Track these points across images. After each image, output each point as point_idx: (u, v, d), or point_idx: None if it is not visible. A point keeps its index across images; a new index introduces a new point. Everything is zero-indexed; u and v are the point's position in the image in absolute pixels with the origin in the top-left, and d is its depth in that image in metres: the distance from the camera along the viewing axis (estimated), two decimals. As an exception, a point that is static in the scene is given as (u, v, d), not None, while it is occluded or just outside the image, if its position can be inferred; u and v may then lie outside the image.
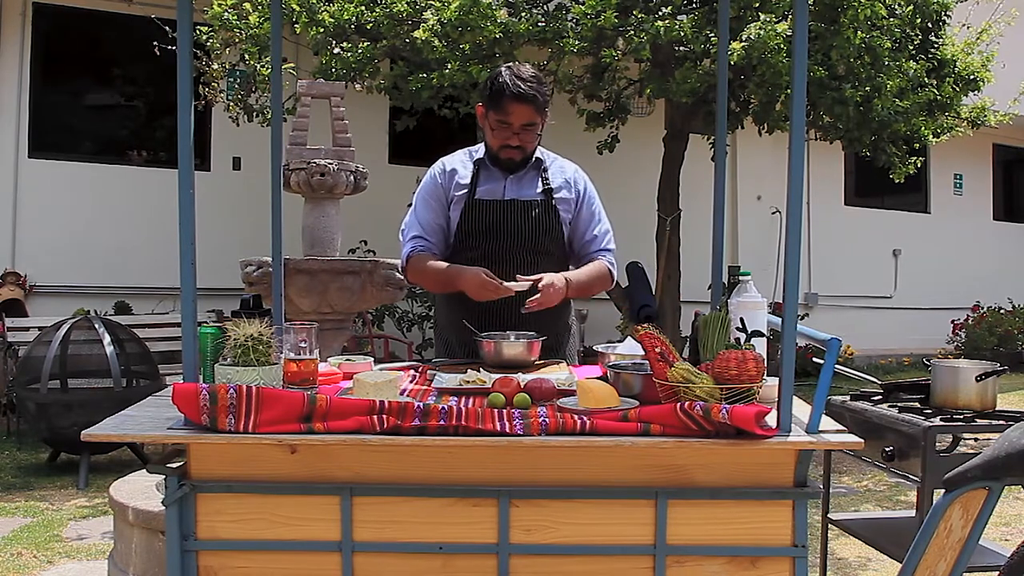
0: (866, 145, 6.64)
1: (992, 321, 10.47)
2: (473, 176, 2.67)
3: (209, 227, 4.51)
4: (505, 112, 2.54)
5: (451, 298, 2.73)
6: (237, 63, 6.34)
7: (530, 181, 2.70)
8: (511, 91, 2.50)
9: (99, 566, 3.69)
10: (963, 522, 1.84)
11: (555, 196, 2.69)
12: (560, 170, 2.76)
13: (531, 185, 2.69)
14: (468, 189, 2.66)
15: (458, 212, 2.65)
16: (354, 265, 4.23)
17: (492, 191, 2.67)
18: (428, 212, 2.69)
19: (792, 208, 1.66)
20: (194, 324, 1.71)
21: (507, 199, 2.66)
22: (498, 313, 2.61)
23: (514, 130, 2.56)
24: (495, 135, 2.59)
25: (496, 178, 2.68)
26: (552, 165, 2.75)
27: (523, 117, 2.55)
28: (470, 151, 2.76)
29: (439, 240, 2.69)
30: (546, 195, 2.68)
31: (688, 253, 7.39)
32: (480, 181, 2.67)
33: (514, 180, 2.68)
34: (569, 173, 2.77)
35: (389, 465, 1.72)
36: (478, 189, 2.66)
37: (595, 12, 5.59)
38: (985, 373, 2.58)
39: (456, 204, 2.66)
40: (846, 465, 5.66)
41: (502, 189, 2.67)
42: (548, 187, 2.69)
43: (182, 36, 1.72)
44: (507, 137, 2.57)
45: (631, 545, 1.72)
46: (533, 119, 2.57)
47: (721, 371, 1.68)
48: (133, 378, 5.45)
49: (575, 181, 2.76)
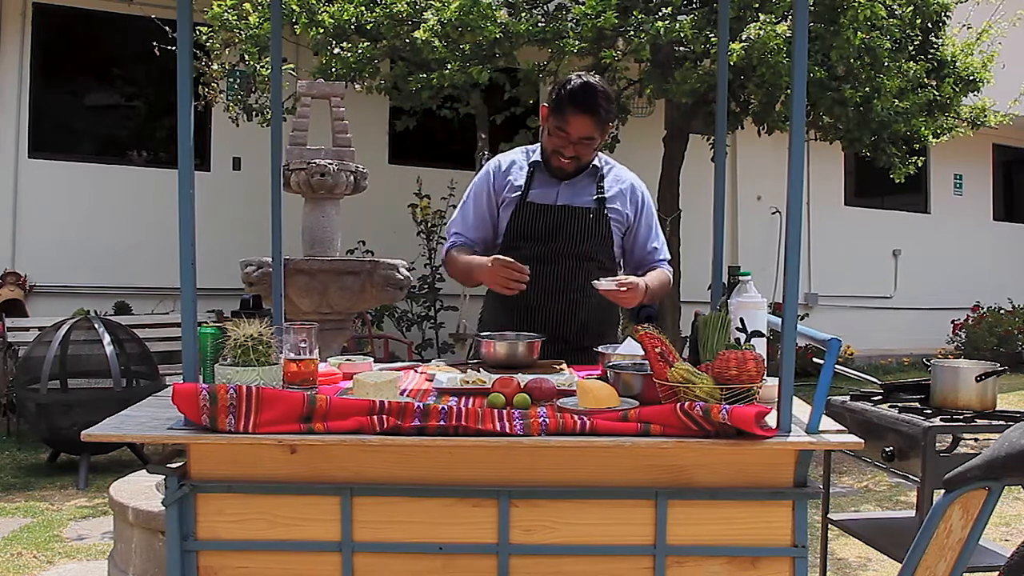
0: (866, 145, 6.65)
1: (992, 321, 10.47)
2: (528, 177, 2.66)
3: (209, 227, 4.52)
4: (564, 121, 2.51)
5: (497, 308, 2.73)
6: (237, 63, 6.34)
7: (584, 188, 2.68)
8: (574, 102, 2.49)
9: (99, 566, 3.69)
10: (963, 522, 1.84)
11: (608, 206, 2.67)
12: (616, 179, 2.74)
13: (585, 192, 2.67)
14: (521, 191, 2.64)
15: (508, 213, 2.65)
16: (354, 265, 4.23)
17: (545, 195, 2.65)
18: (475, 209, 2.69)
19: (792, 208, 1.66)
20: (194, 324, 1.71)
21: (559, 204, 2.64)
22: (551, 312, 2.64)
23: (571, 140, 2.54)
24: (550, 140, 2.58)
25: (550, 182, 2.66)
26: (609, 173, 2.73)
27: (582, 130, 2.53)
28: (527, 150, 2.74)
29: (481, 238, 2.68)
30: (599, 204, 2.66)
31: (688, 253, 7.39)
32: (534, 183, 2.65)
33: (568, 185, 2.67)
34: (626, 183, 2.74)
35: (389, 465, 1.72)
36: (531, 192, 2.64)
37: (595, 12, 5.59)
38: (985, 373, 2.58)
39: (507, 205, 2.66)
40: (846, 465, 5.66)
41: (555, 194, 2.65)
42: (602, 196, 2.67)
43: (182, 36, 1.72)
44: (562, 145, 2.56)
45: (631, 545, 1.72)
46: (592, 133, 2.55)
47: (721, 371, 1.68)
48: (133, 378, 5.45)
49: (632, 191, 2.74)
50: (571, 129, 2.52)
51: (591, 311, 2.67)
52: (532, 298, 2.62)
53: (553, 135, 2.56)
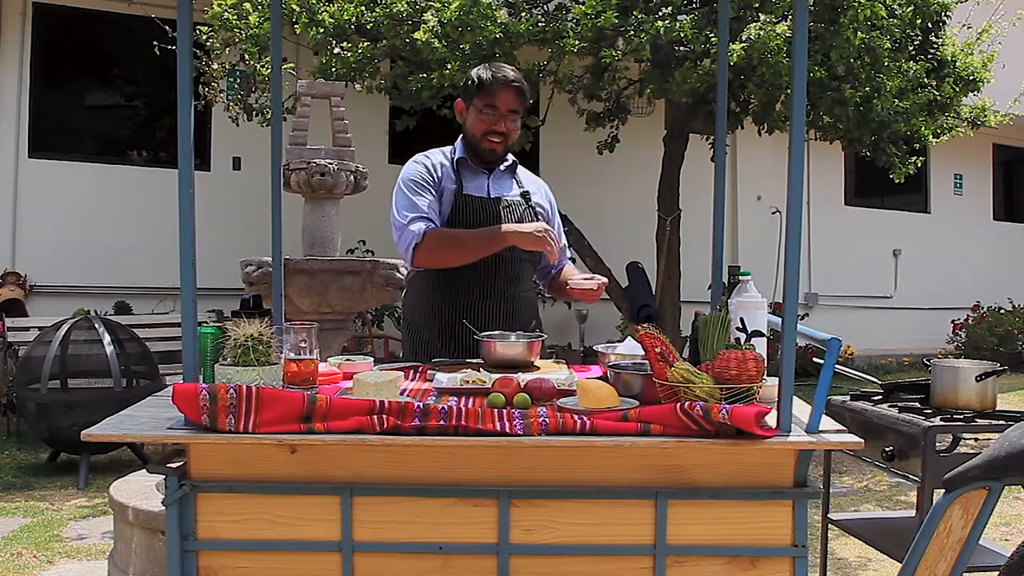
0: (866, 145, 6.64)
1: (992, 321, 10.48)
2: (456, 174, 2.71)
3: (209, 227, 4.51)
4: (492, 96, 2.63)
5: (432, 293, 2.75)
6: (237, 63, 6.34)
7: (507, 182, 2.80)
8: (497, 77, 2.63)
9: (99, 566, 3.69)
10: (963, 522, 1.84)
11: (532, 199, 2.79)
12: (528, 177, 2.88)
13: (508, 186, 2.79)
14: (456, 185, 2.69)
15: (448, 206, 2.67)
16: (354, 265, 4.23)
17: (478, 187, 2.73)
18: (426, 196, 2.64)
19: (792, 208, 1.66)
20: (194, 324, 1.71)
21: (493, 196, 2.72)
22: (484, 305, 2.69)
23: (501, 114, 2.65)
24: (481, 119, 2.67)
25: (478, 175, 2.74)
26: (518, 169, 2.85)
27: (510, 102, 2.65)
28: (444, 151, 2.79)
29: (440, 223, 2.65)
30: (524, 197, 2.78)
31: (688, 253, 7.39)
32: (464, 178, 2.72)
33: (495, 179, 2.76)
34: (538, 181, 2.91)
35: (389, 465, 1.72)
36: (465, 185, 2.71)
37: (595, 12, 5.59)
38: (985, 373, 2.58)
39: (446, 198, 2.68)
40: (846, 465, 5.66)
41: (486, 186, 2.74)
42: (524, 190, 2.80)
43: (182, 36, 1.72)
44: (494, 123, 2.66)
45: (631, 545, 1.72)
46: (517, 106, 2.67)
47: (721, 371, 1.68)
48: (133, 378, 5.45)
49: (544, 188, 2.91)
50: (499, 102, 2.64)
51: (520, 303, 2.78)
52: (466, 291, 2.69)
53: (483, 115, 2.66)
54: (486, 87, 2.64)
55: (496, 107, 2.64)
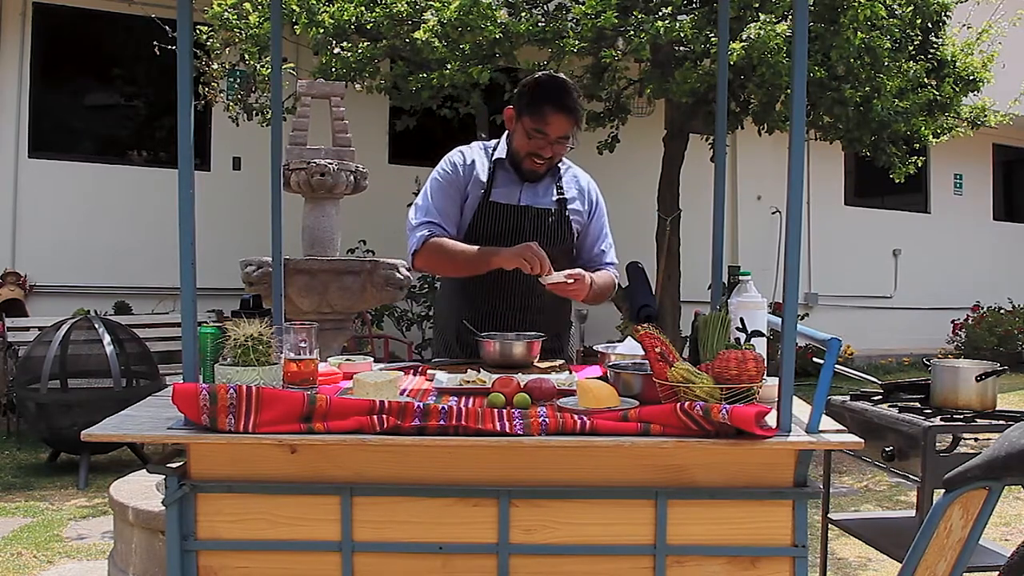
0: (866, 145, 6.65)
1: (992, 321, 10.48)
2: (489, 175, 2.63)
3: (209, 227, 4.52)
4: (543, 122, 2.49)
5: (453, 298, 2.72)
6: (237, 63, 6.35)
7: (545, 188, 2.67)
8: (553, 101, 2.47)
9: (99, 566, 3.69)
10: (963, 522, 1.84)
11: (568, 207, 2.67)
12: (574, 179, 2.74)
13: (546, 192, 2.66)
14: (484, 189, 2.61)
15: (471, 212, 2.61)
16: (354, 265, 4.23)
17: (508, 194, 2.62)
18: (445, 200, 2.61)
19: (792, 208, 1.66)
20: (194, 324, 1.71)
21: (522, 204, 2.62)
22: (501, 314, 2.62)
23: (550, 140, 2.52)
24: (528, 143, 2.54)
25: (512, 181, 2.64)
26: (566, 173, 2.73)
27: (561, 129, 2.51)
28: (486, 147, 2.70)
29: (453, 229, 2.62)
30: (560, 204, 2.66)
31: (688, 253, 7.39)
32: (496, 182, 2.63)
33: (530, 185, 2.65)
34: (583, 183, 2.75)
35: (389, 465, 1.72)
36: (494, 191, 2.62)
37: (595, 12, 5.60)
38: (985, 373, 2.58)
39: (470, 203, 2.62)
40: (846, 465, 5.66)
41: (518, 193, 2.63)
42: (562, 196, 2.67)
43: (182, 36, 1.72)
44: (540, 147, 2.53)
45: (631, 545, 1.72)
46: (569, 132, 2.54)
47: (721, 371, 1.68)
48: (133, 378, 5.45)
49: (588, 192, 2.74)
50: (551, 130, 2.50)
51: (544, 312, 2.67)
52: (488, 300, 2.64)
53: (532, 138, 2.52)
54: (538, 110, 2.48)
55: (546, 134, 2.50)
